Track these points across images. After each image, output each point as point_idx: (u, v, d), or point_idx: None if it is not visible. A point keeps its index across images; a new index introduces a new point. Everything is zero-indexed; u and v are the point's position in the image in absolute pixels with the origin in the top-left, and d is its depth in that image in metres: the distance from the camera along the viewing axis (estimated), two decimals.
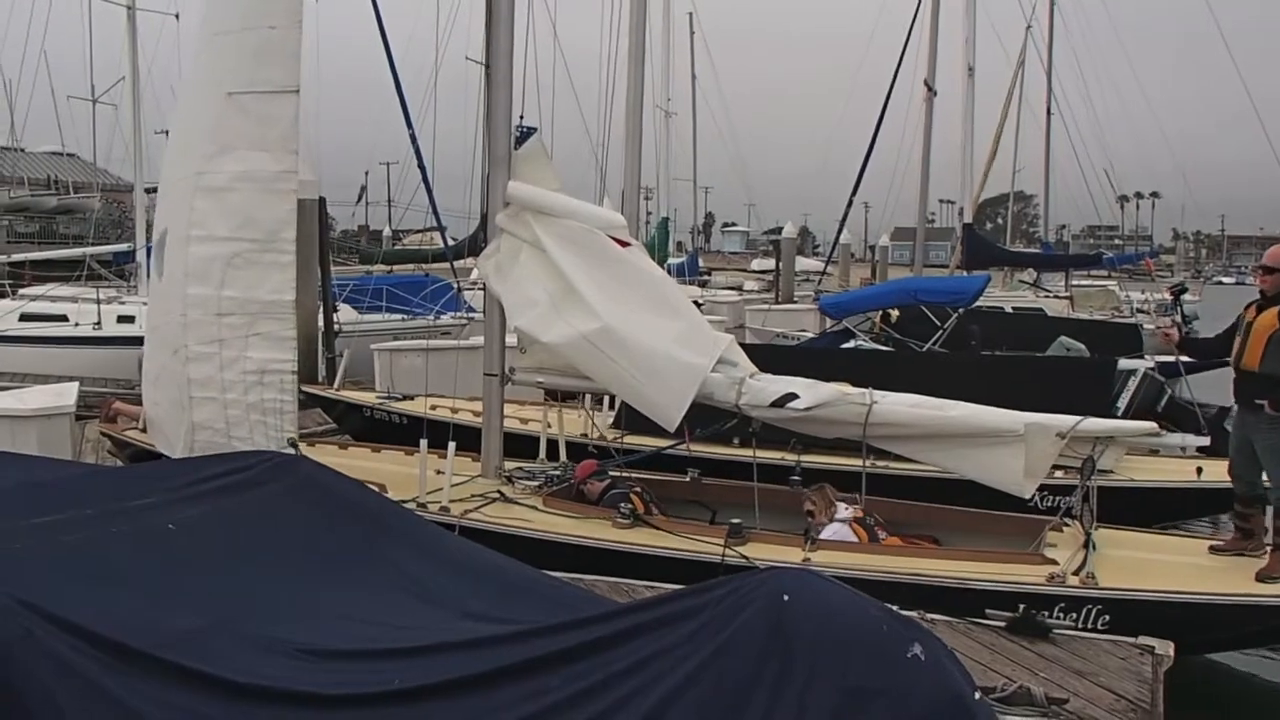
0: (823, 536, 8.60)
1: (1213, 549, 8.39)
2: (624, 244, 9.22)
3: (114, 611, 3.85)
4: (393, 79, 18.20)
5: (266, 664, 3.85)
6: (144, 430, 10.47)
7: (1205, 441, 11.85)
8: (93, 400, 14.64)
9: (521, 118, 11.62)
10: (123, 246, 28.83)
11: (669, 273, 35.97)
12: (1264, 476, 8.25)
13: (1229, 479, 10.66)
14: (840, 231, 35.25)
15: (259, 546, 4.70)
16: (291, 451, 7.62)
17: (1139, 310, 29.93)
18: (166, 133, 26.82)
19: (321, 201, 18.85)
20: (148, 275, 22.83)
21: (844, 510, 8.72)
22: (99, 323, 20.55)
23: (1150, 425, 8.91)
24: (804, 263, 50.05)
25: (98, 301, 20.92)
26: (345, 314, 20.38)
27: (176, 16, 26.47)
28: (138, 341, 11.54)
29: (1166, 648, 6.80)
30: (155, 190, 24.47)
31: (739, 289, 46.56)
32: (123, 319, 20.65)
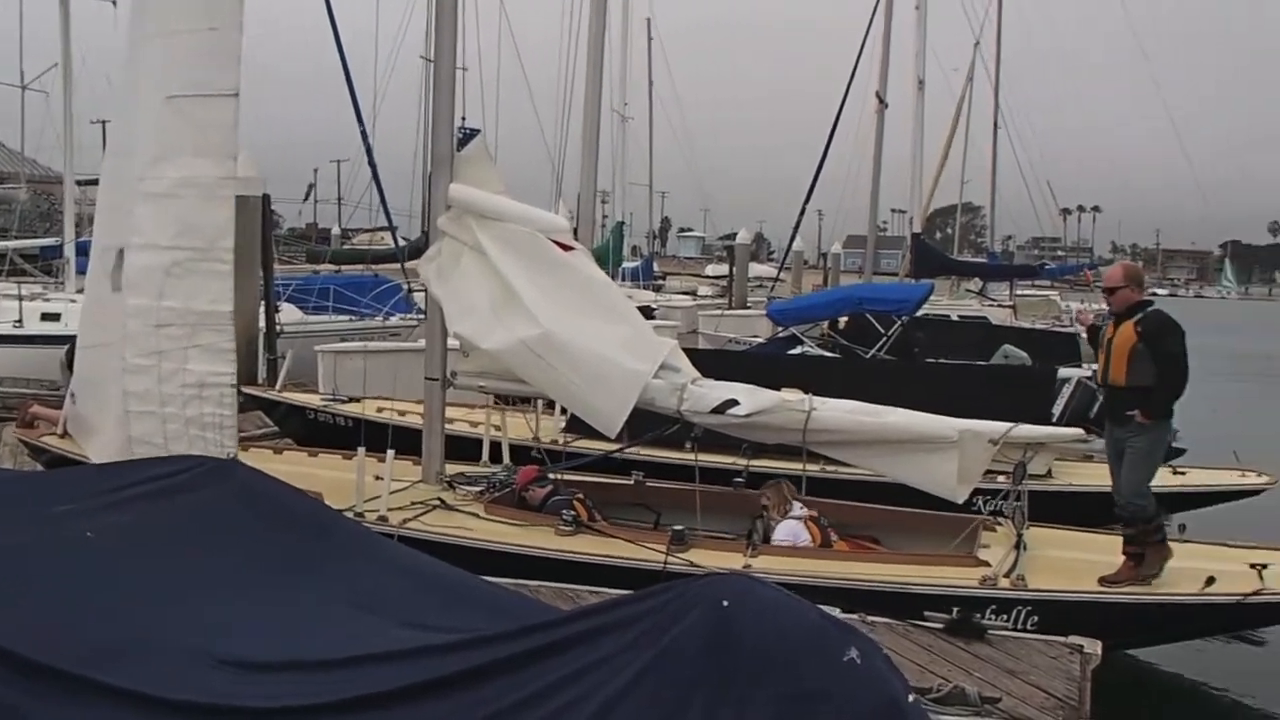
0: (776, 533, 8.74)
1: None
2: (567, 248, 9.17)
3: (27, 626, 3.75)
4: (344, 75, 18.15)
5: (192, 678, 3.78)
6: (64, 435, 10.22)
7: None
8: (11, 402, 14.20)
9: (464, 119, 11.59)
10: (50, 241, 28.02)
11: (623, 277, 36.15)
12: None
13: (1158, 485, 10.93)
14: (793, 238, 35.46)
15: (188, 555, 4.58)
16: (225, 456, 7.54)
17: (1077, 320, 30.37)
18: (103, 123, 26.36)
19: (265, 199, 18.57)
20: (75, 272, 22.44)
21: (798, 509, 8.84)
22: (20, 320, 19.73)
23: (1078, 431, 9.11)
24: (757, 269, 50.27)
25: (19, 298, 20.08)
26: (290, 314, 19.87)
27: (114, 3, 25.97)
28: (61, 340, 11.04)
29: (1094, 646, 6.99)
30: (87, 183, 23.92)
31: (693, 294, 46.58)
32: (46, 316, 19.89)
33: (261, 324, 17.90)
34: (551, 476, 9.75)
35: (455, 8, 10.01)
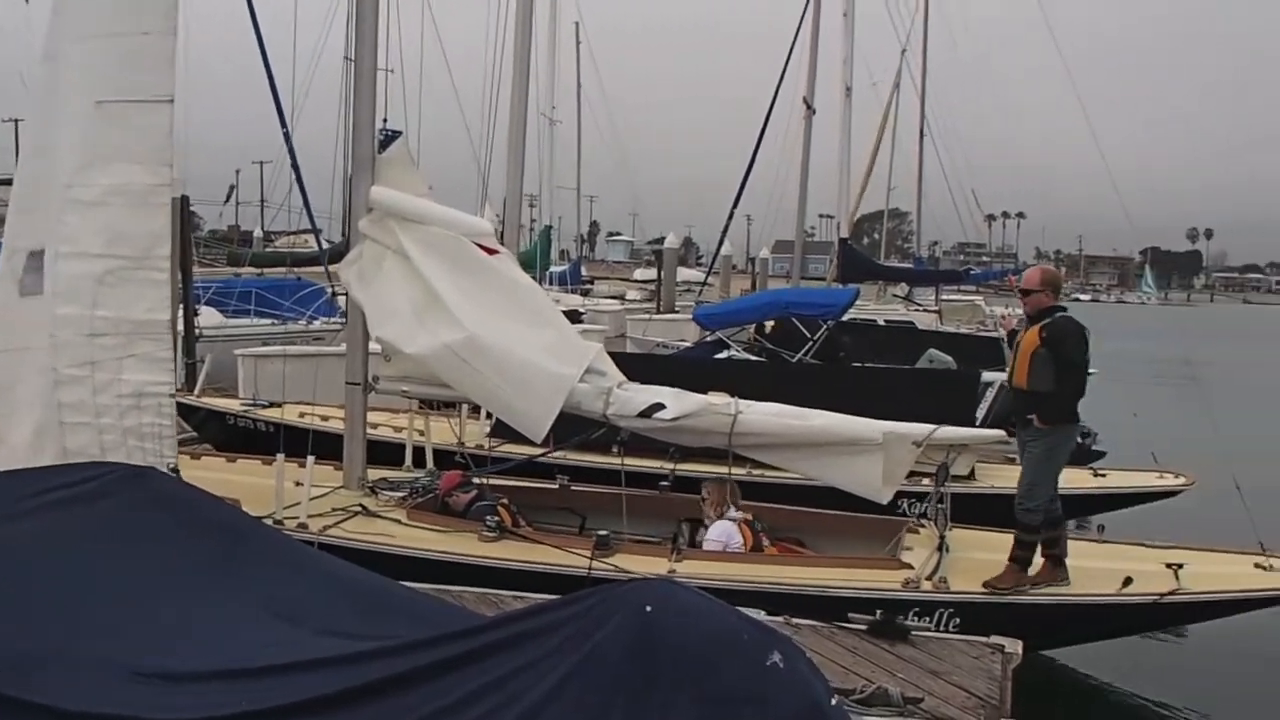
0: (710, 532, 8.78)
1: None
2: (491, 251, 9.11)
3: None
4: (266, 76, 17.93)
5: (102, 690, 3.70)
6: None
7: None
8: None
9: (385, 120, 11.49)
10: None
11: (551, 281, 36.08)
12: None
13: (1077, 486, 11.07)
14: (721, 243, 35.58)
15: (100, 565, 4.47)
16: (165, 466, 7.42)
17: (1001, 324, 30.81)
18: (15, 121, 25.67)
19: (184, 200, 18.27)
20: None
21: (734, 511, 8.87)
22: None
23: (1000, 433, 9.22)
24: (686, 273, 50.40)
25: None
26: (210, 317, 19.56)
27: (26, 0, 25.47)
28: None
29: (1015, 646, 7.07)
30: (2, 183, 23.41)
31: (621, 298, 46.70)
32: None
33: (180, 328, 17.58)
34: (476, 481, 9.67)
35: (376, 8, 9.91)
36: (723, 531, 8.77)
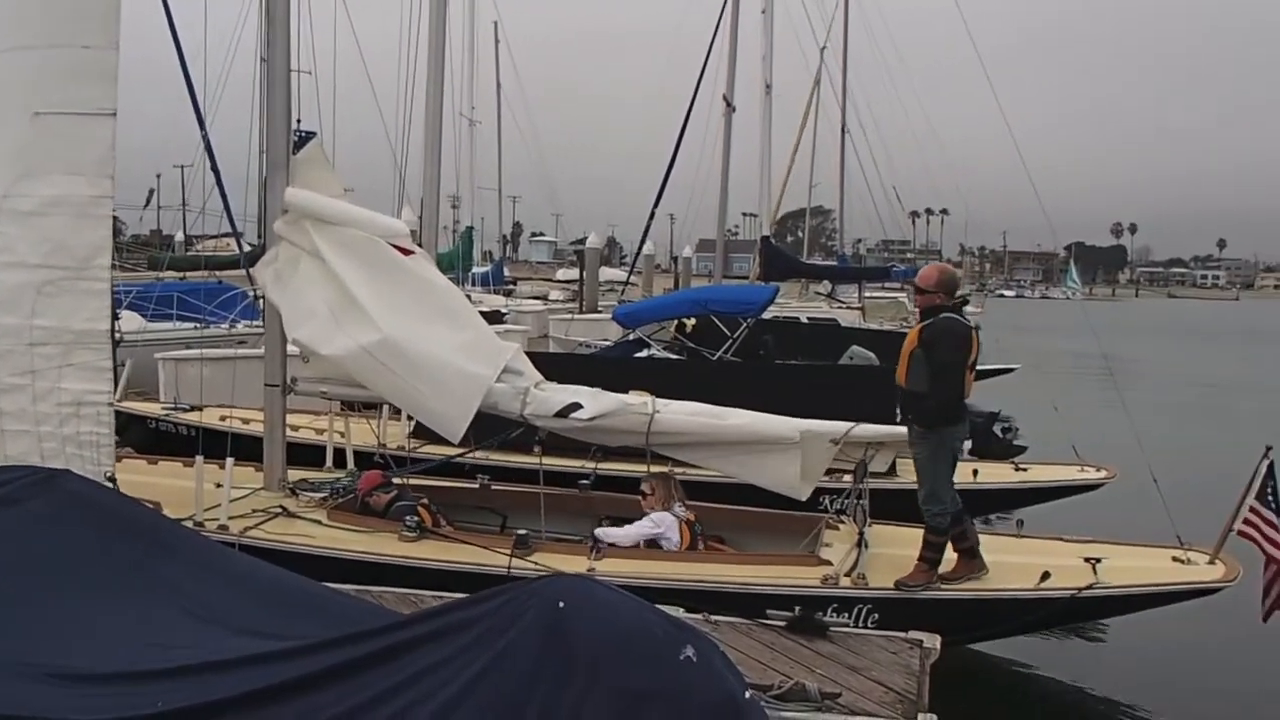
0: (648, 517, 8.76)
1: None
2: (407, 252, 9.05)
3: None
4: (184, 78, 17.71)
5: (21, 691, 3.70)
6: None
7: (969, 444, 12.53)
8: None
9: (299, 121, 11.36)
10: None
11: (474, 282, 35.89)
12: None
13: (999, 481, 11.20)
14: (643, 242, 35.66)
15: (15, 568, 4.45)
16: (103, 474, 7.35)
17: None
18: None
19: None
20: None
21: (679, 509, 8.88)
22: None
23: None
24: (608, 273, 50.42)
25: None
26: (131, 321, 19.36)
27: None
28: None
29: (933, 640, 7.14)
30: None
31: (544, 298, 46.60)
32: None
33: None
34: (396, 482, 9.64)
35: (289, 8, 9.81)
36: (661, 520, 8.75)
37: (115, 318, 17.37)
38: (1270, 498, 8.42)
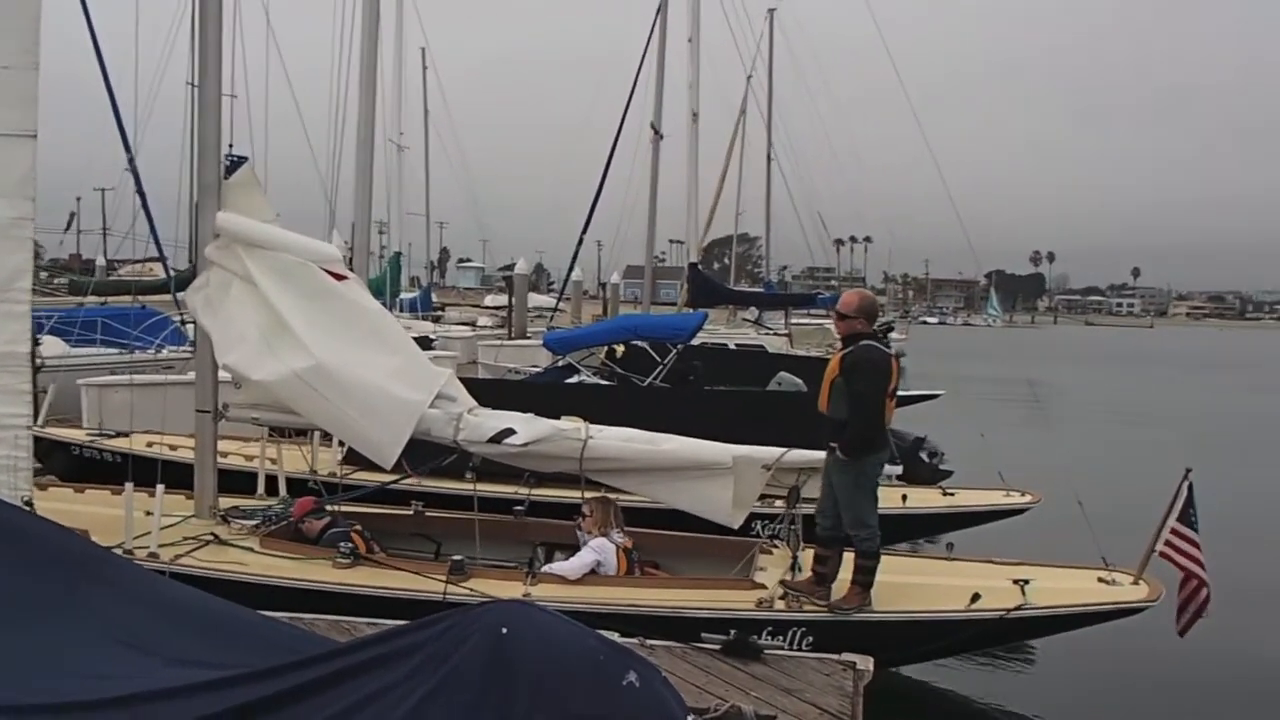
0: (586, 546, 8.73)
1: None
2: (340, 277, 9.00)
3: None
4: (109, 100, 17.45)
5: None
6: None
7: (899, 470, 12.95)
8: None
9: (231, 146, 11.30)
10: None
11: (402, 308, 35.73)
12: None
13: (926, 505, 11.37)
14: (571, 268, 35.68)
15: None
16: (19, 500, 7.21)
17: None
18: None
19: None
20: None
21: (617, 535, 8.87)
22: None
23: None
24: (537, 299, 50.43)
25: None
26: (53, 347, 19.01)
27: None
28: None
29: (866, 663, 7.22)
30: None
31: (473, 325, 46.50)
32: None
33: None
34: (329, 508, 9.57)
35: (219, 33, 9.74)
36: (600, 546, 8.71)
37: (36, 342, 17.21)
38: (1191, 518, 8.64)
